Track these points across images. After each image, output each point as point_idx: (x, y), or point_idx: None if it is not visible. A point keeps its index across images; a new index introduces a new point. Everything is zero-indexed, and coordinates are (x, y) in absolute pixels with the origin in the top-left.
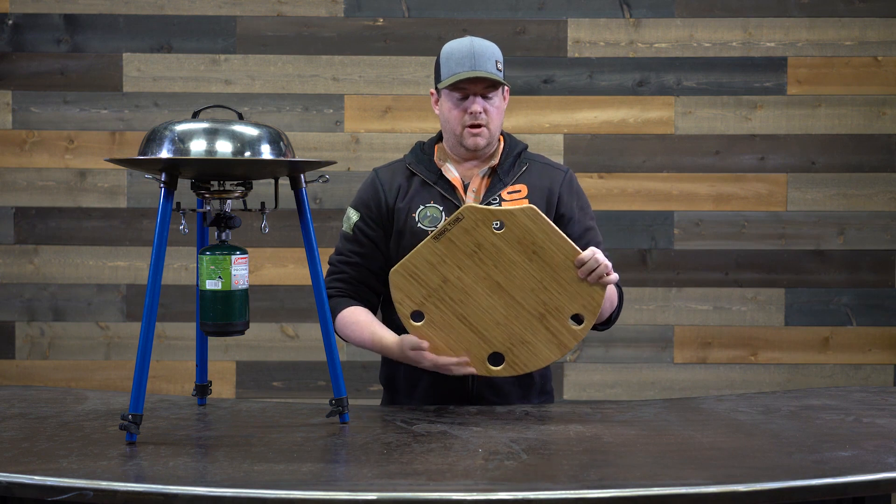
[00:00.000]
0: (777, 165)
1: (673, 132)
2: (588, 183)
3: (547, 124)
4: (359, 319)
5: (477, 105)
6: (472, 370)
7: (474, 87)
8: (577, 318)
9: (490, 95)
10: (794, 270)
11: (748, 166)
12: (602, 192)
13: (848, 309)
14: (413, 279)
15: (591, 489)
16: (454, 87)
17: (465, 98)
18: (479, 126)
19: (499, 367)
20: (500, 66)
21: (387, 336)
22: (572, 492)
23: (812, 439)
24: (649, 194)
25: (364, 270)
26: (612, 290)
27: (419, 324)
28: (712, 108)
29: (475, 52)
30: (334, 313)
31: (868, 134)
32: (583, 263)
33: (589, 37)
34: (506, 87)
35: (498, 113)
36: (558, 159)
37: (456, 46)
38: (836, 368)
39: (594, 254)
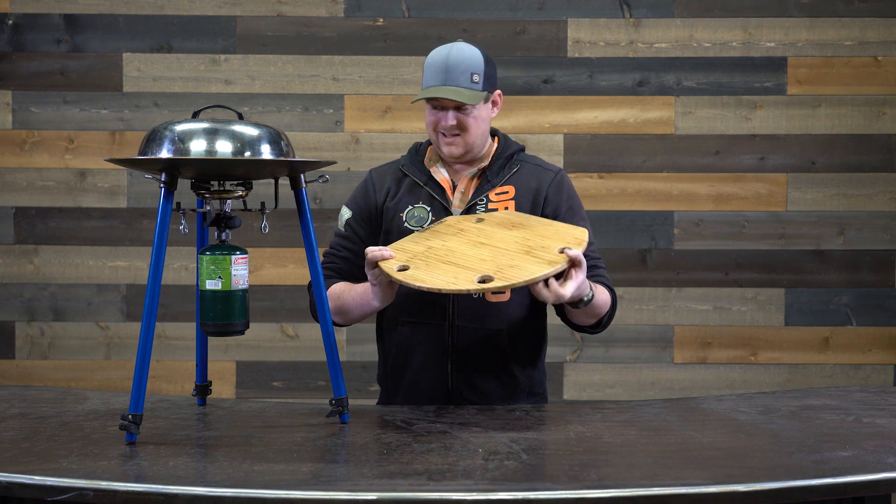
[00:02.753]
0: (777, 165)
1: (673, 132)
2: (588, 183)
3: (547, 124)
4: (334, 292)
5: (449, 119)
6: (389, 254)
7: (446, 100)
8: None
9: (465, 107)
10: (794, 270)
11: (748, 166)
12: (602, 192)
13: (848, 309)
14: (398, 251)
15: (591, 489)
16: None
17: (439, 109)
18: (453, 136)
19: (490, 284)
20: (478, 77)
21: (357, 286)
22: (572, 492)
23: (812, 439)
24: (649, 194)
25: (352, 265)
26: (606, 295)
27: (405, 271)
28: (712, 108)
29: (449, 64)
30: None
31: (868, 134)
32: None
33: (589, 37)
34: (496, 92)
35: (477, 123)
36: (558, 159)
37: (434, 56)
38: (836, 368)
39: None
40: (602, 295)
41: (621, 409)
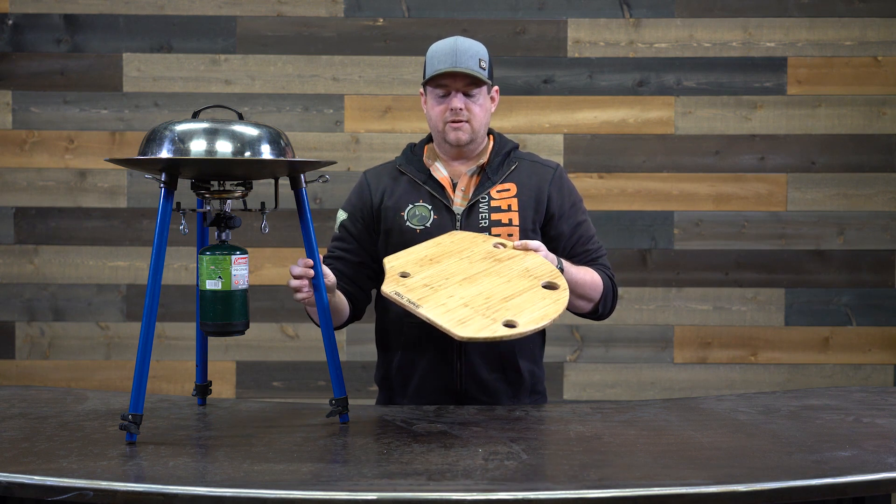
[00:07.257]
0: (777, 165)
1: (673, 132)
2: (588, 183)
3: (547, 124)
4: None
5: (458, 101)
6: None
7: (455, 83)
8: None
9: (472, 93)
10: (794, 270)
11: (748, 166)
12: (602, 192)
13: (848, 309)
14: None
15: (591, 489)
16: (436, 84)
17: (446, 95)
18: (459, 121)
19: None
20: (485, 64)
21: None
22: (572, 492)
23: (812, 439)
24: (649, 194)
25: (347, 264)
26: (594, 276)
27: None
28: (712, 108)
29: (458, 49)
30: None
31: (868, 134)
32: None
33: (589, 37)
34: (494, 88)
35: (482, 111)
36: (558, 159)
37: (440, 45)
38: (836, 368)
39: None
40: (585, 275)
41: (621, 409)
